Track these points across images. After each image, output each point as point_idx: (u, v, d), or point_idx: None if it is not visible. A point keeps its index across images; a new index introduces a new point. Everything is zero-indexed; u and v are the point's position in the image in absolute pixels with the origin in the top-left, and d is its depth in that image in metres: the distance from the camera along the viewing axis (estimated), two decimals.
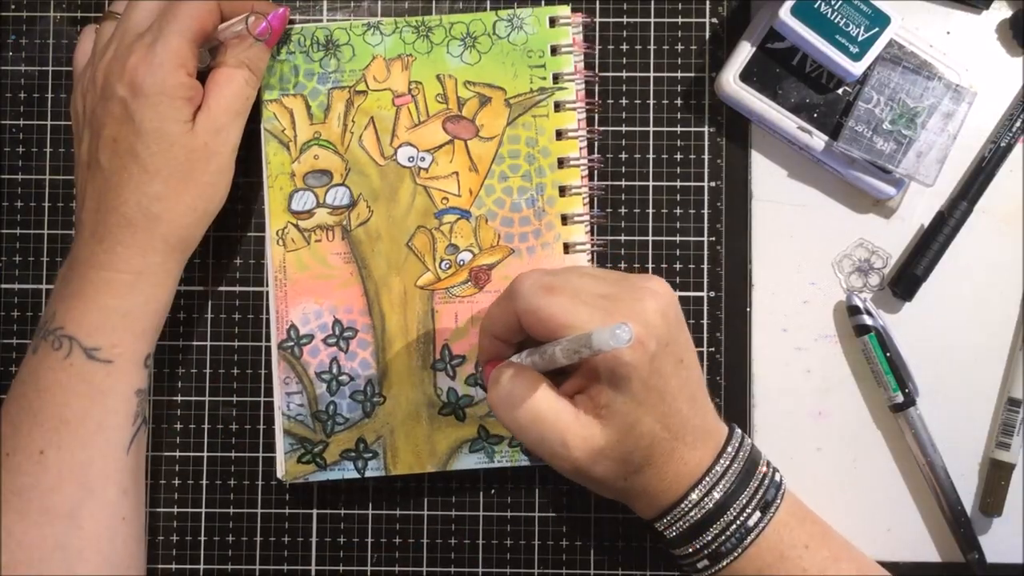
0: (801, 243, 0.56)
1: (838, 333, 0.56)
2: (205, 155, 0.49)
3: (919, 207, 0.56)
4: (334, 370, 0.54)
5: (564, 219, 0.54)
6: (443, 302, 0.54)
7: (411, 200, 0.54)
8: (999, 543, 0.55)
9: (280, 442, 0.54)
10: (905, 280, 0.54)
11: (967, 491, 0.55)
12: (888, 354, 0.54)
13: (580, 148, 0.54)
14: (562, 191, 0.54)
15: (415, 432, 0.53)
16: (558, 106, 0.54)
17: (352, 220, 0.54)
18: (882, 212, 0.56)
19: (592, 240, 0.54)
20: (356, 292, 0.54)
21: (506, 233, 0.54)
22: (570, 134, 0.54)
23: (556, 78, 0.54)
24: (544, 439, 0.45)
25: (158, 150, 0.48)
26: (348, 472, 0.54)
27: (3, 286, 0.56)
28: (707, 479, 0.46)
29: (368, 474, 0.54)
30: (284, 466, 0.54)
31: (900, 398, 0.54)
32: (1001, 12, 0.56)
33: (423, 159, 0.54)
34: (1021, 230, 0.55)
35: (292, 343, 0.54)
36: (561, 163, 0.54)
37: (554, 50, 0.54)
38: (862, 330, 0.54)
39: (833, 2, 0.52)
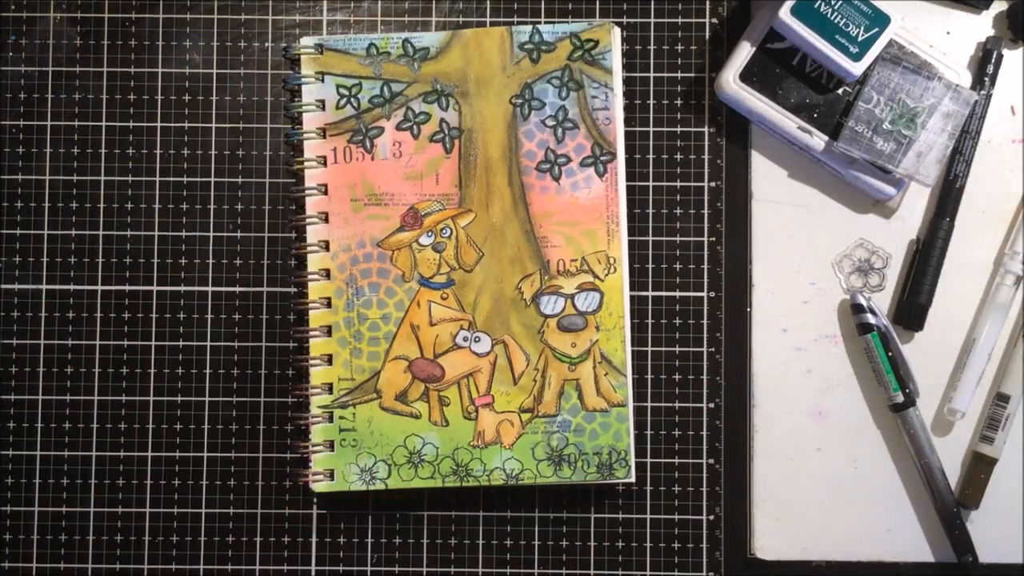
0: (801, 243, 0.56)
1: (838, 333, 0.56)
2: None
3: (919, 207, 0.56)
4: None
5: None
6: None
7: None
8: (993, 544, 0.55)
9: None
10: (911, 312, 0.54)
11: (954, 486, 0.55)
12: (890, 354, 0.54)
13: None
14: None
15: None
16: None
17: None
18: (882, 212, 0.56)
19: None
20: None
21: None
22: None
23: None
24: None
25: None
26: None
27: (3, 286, 0.56)
28: None
29: None
30: None
31: (900, 398, 0.54)
32: (1000, 9, 0.56)
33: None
34: (1022, 230, 0.55)
35: None
36: None
37: None
38: (865, 328, 0.54)
39: (833, 2, 0.52)
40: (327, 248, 0.55)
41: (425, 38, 0.55)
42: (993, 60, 0.55)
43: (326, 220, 0.55)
